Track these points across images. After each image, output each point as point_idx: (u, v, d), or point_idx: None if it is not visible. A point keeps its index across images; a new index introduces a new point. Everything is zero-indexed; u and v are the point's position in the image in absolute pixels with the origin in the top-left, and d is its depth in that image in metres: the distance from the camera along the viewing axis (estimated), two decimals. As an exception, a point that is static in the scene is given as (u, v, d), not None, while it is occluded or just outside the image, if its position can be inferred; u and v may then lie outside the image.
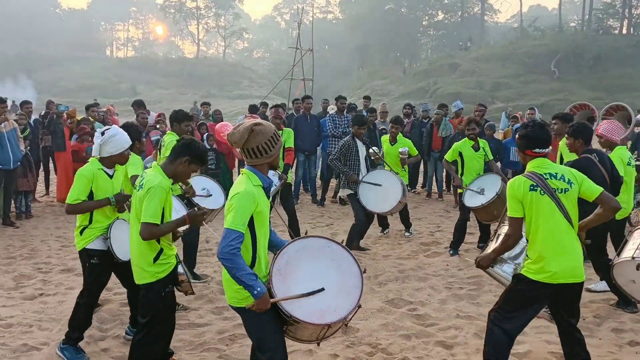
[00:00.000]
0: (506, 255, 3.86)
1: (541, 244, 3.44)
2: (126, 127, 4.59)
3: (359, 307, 3.08)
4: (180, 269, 3.90)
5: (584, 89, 40.01)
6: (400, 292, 5.73)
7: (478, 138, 7.27)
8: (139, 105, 11.15)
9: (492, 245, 3.94)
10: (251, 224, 2.96)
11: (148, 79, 63.38)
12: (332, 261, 3.15)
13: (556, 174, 3.46)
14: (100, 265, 4.13)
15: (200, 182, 5.86)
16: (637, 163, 8.84)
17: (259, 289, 2.85)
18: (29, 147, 9.31)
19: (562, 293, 3.49)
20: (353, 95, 45.47)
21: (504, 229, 3.88)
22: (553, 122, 6.82)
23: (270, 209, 3.22)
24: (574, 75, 44.34)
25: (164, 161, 3.65)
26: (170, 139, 5.64)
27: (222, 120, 11.69)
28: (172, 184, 3.64)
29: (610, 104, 8.98)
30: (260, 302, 2.88)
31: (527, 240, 3.54)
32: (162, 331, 3.72)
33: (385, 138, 8.38)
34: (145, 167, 7.74)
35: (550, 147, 3.64)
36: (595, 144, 5.42)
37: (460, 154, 7.16)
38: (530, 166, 3.54)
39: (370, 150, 7.34)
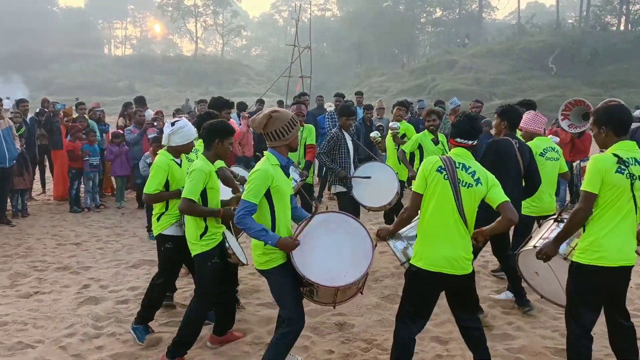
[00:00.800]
0: (404, 232, 3.86)
1: (427, 227, 3.44)
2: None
3: (367, 275, 3.55)
4: (226, 244, 4.18)
5: (581, 85, 40.00)
6: (397, 288, 5.72)
7: (438, 133, 7.05)
8: (140, 103, 11.16)
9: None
10: (269, 198, 3.45)
11: (146, 76, 63.25)
12: (347, 234, 3.60)
13: (469, 167, 3.44)
14: (173, 250, 4.37)
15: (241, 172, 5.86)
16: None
17: (270, 240, 3.34)
18: (24, 146, 9.30)
19: (447, 285, 3.48)
20: (351, 92, 45.20)
21: None
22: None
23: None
24: (572, 71, 44.31)
25: (203, 150, 4.04)
26: None
27: None
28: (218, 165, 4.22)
29: (606, 100, 8.97)
30: (281, 246, 3.38)
31: None
32: (210, 302, 4.13)
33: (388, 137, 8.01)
34: (145, 163, 7.72)
35: (476, 142, 3.56)
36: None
37: (420, 146, 6.89)
38: (452, 152, 3.56)
39: (372, 134, 7.23)
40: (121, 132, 10.21)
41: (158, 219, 4.38)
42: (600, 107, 3.49)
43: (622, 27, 57.88)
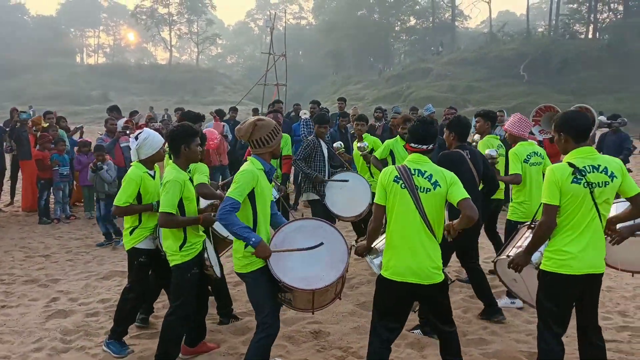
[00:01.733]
0: (379, 246, 3.84)
1: (391, 237, 3.45)
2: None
3: (343, 277, 3.64)
4: (205, 255, 4.10)
5: (552, 92, 40.73)
6: (372, 294, 5.65)
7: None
8: (114, 111, 11.01)
9: None
10: (252, 199, 3.51)
11: (120, 85, 62.50)
12: (323, 239, 3.65)
13: (424, 172, 3.44)
14: (146, 264, 4.35)
15: None
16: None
17: (254, 238, 3.38)
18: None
19: (413, 294, 3.47)
20: (327, 99, 45.60)
21: None
22: (475, 119, 6.47)
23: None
24: (543, 78, 45.16)
25: (173, 159, 4.01)
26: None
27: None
28: (190, 169, 4.27)
29: (575, 106, 9.14)
30: (258, 251, 3.41)
31: None
32: (188, 313, 4.02)
33: (356, 143, 7.93)
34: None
35: (431, 146, 3.55)
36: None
37: (392, 153, 6.79)
38: (407, 159, 3.56)
39: (335, 144, 7.13)
40: (89, 140, 10.04)
41: (131, 233, 4.31)
42: (559, 114, 3.54)
43: (590, 36, 59.25)
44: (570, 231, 3.29)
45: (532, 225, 3.99)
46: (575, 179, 3.24)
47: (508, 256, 3.85)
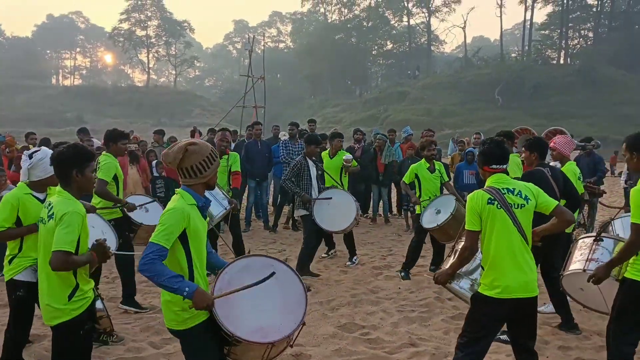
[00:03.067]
0: (463, 270, 3.87)
1: (494, 258, 3.48)
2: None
3: (304, 324, 3.05)
4: (99, 304, 3.67)
5: (525, 115, 41.66)
6: (353, 316, 5.67)
7: (434, 160, 7.35)
8: (83, 133, 10.94)
9: (450, 261, 3.97)
10: (185, 242, 2.91)
11: (96, 107, 62.03)
12: (276, 280, 3.06)
13: (514, 189, 3.52)
14: (26, 298, 3.73)
15: (138, 199, 5.97)
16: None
17: (187, 289, 2.74)
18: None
19: (516, 310, 3.49)
20: (305, 122, 45.71)
21: (461, 244, 3.90)
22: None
23: (217, 232, 3.26)
24: (516, 102, 46.25)
25: (62, 186, 3.25)
26: (105, 160, 5.47)
27: None
28: (82, 198, 3.36)
29: (550, 128, 9.36)
30: (197, 301, 2.76)
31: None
32: None
33: (325, 153, 8.32)
34: None
35: (507, 164, 3.70)
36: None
37: (417, 176, 7.20)
38: (489, 182, 3.61)
39: (345, 157, 7.56)
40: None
41: (10, 262, 3.76)
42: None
43: (562, 61, 60.95)
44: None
45: (598, 238, 4.09)
46: (489, 200, 3.45)
47: (584, 270, 3.94)
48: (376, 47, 77.71)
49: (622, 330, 3.57)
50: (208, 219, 3.40)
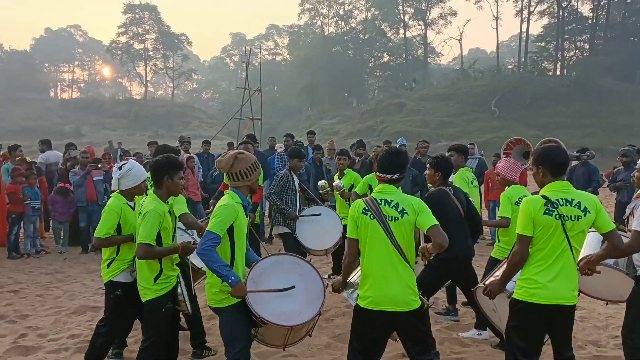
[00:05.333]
0: (355, 279, 3.85)
1: (366, 268, 3.50)
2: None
3: (320, 314, 3.67)
4: (178, 289, 4.03)
5: (522, 126, 41.79)
6: (348, 327, 5.56)
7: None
8: (69, 147, 11.12)
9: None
10: (231, 234, 3.50)
11: (94, 120, 62.10)
12: (300, 276, 3.69)
13: (391, 201, 3.51)
14: (123, 298, 4.23)
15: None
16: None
17: (232, 277, 3.37)
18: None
19: (393, 323, 3.50)
20: (302, 134, 45.77)
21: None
22: (449, 153, 6.47)
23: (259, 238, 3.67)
24: (513, 113, 46.39)
25: (154, 189, 3.94)
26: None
27: None
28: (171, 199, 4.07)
29: (544, 139, 9.40)
30: (236, 290, 3.39)
31: None
32: (161, 351, 3.94)
33: (336, 176, 7.85)
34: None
35: (396, 175, 3.61)
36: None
37: (370, 187, 6.80)
38: (375, 191, 3.65)
39: (320, 183, 7.25)
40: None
41: (108, 265, 4.23)
42: (538, 148, 3.63)
43: (558, 72, 61.30)
44: (541, 261, 3.33)
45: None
46: (547, 211, 3.30)
47: (484, 284, 3.89)
48: (373, 60, 78.07)
49: (509, 351, 3.49)
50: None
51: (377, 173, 3.66)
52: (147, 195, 4.09)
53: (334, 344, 5.26)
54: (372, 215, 3.46)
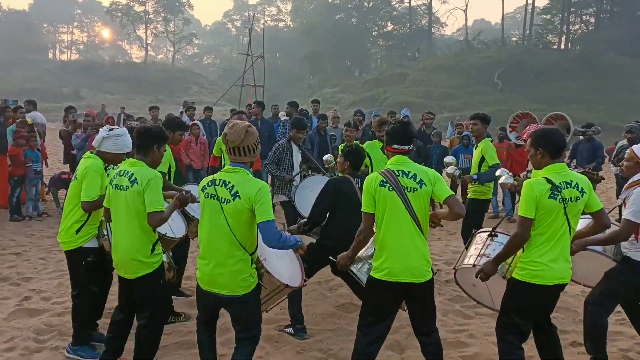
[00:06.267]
0: (363, 254, 3.86)
1: (383, 240, 3.48)
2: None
3: (293, 290, 4.00)
4: (165, 257, 4.00)
5: (525, 100, 41.48)
6: (351, 296, 5.67)
7: None
8: (69, 110, 10.99)
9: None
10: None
11: (93, 83, 61.45)
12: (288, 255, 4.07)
13: (408, 172, 3.49)
14: (96, 264, 4.14)
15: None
16: (575, 171, 9.21)
17: (299, 240, 3.54)
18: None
19: (405, 293, 3.52)
20: (304, 102, 45.51)
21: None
22: (472, 122, 6.50)
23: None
24: (516, 87, 46.00)
25: (137, 157, 3.74)
26: None
27: None
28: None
29: (550, 114, 9.31)
30: (303, 246, 3.68)
31: None
32: (167, 314, 4.02)
33: (342, 147, 7.92)
34: None
35: (412, 146, 3.64)
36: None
37: (369, 155, 6.66)
38: (389, 163, 3.61)
39: (326, 157, 7.17)
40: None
41: (77, 231, 4.04)
42: (538, 130, 3.69)
43: (562, 46, 60.60)
44: (545, 243, 3.40)
45: (493, 233, 4.03)
46: (552, 195, 3.35)
47: (474, 265, 3.87)
48: (376, 28, 77.03)
49: (506, 325, 3.57)
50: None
51: (392, 145, 3.60)
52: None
53: (337, 313, 5.30)
54: (390, 187, 3.43)
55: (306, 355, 4.38)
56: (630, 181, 4.08)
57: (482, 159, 6.24)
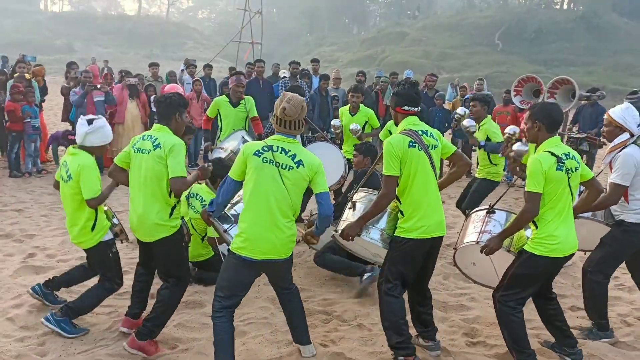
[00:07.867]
0: (371, 221, 3.81)
1: (416, 199, 3.51)
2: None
3: None
4: (114, 220, 4.19)
5: (525, 62, 41.07)
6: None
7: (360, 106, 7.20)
8: (70, 66, 10.79)
9: (351, 213, 3.97)
10: None
11: (85, 35, 60.11)
12: None
13: (427, 131, 3.61)
14: (118, 252, 4.19)
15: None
16: (578, 136, 9.21)
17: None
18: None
19: (430, 248, 3.63)
20: (301, 60, 44.83)
21: (359, 195, 4.03)
22: (471, 104, 6.38)
23: None
24: (516, 47, 45.38)
25: (162, 123, 3.78)
26: None
27: (176, 82, 11.28)
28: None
29: (557, 77, 9.24)
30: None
31: (398, 199, 3.58)
32: (187, 282, 3.98)
33: (345, 109, 7.49)
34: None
35: (420, 107, 3.70)
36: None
37: (391, 133, 6.51)
38: (405, 124, 3.62)
39: (334, 122, 7.11)
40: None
41: (92, 229, 3.96)
42: (537, 104, 3.71)
43: (565, 6, 59.64)
44: (557, 217, 3.45)
45: (491, 210, 4.07)
46: (559, 167, 3.40)
47: (477, 242, 3.91)
48: (376, -16, 75.39)
49: (510, 294, 3.61)
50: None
51: (403, 107, 3.63)
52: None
53: (339, 276, 5.35)
54: (419, 147, 3.49)
55: (310, 317, 4.44)
56: (611, 145, 4.12)
57: (487, 140, 6.18)
